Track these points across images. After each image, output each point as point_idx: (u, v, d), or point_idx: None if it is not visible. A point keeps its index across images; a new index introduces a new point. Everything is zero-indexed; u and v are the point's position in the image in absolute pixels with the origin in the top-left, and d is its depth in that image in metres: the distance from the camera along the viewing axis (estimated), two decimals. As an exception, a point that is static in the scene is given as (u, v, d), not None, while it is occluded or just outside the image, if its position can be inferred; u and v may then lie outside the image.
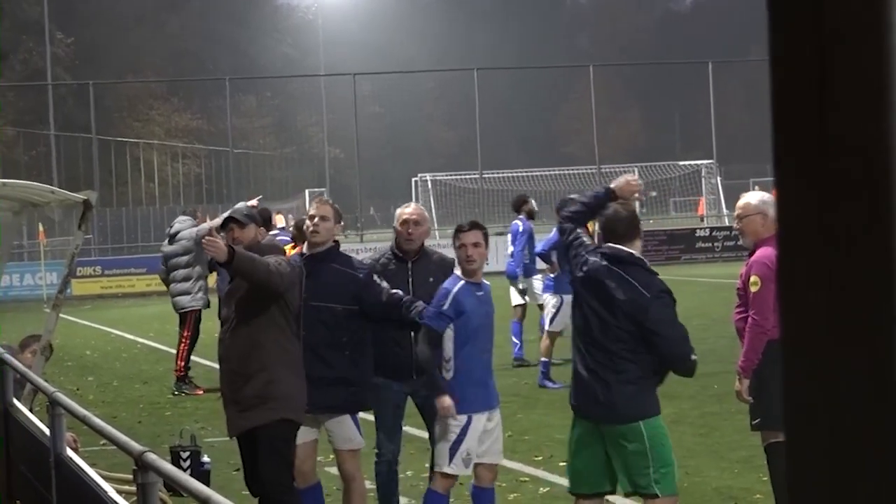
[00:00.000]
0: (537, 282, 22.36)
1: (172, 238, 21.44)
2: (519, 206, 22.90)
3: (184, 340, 21.25)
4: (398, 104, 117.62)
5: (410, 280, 11.31)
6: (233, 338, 10.06)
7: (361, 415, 10.99)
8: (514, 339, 22.43)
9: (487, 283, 10.62)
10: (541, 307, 21.59)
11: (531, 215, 22.64)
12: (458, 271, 10.62)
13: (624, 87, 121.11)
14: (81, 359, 26.42)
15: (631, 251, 9.37)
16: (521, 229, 22.41)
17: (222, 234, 10.42)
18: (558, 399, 18.78)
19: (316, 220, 10.95)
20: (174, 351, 21.76)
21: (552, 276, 20.79)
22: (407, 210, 11.73)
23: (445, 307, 10.22)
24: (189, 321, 21.41)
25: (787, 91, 1.46)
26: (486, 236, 10.53)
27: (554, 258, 20.48)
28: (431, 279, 11.16)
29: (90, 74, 73.44)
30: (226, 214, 10.41)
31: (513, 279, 22.54)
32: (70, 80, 76.81)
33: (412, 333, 10.77)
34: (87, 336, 31.72)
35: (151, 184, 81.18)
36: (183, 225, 21.61)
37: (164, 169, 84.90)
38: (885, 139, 1.34)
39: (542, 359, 20.17)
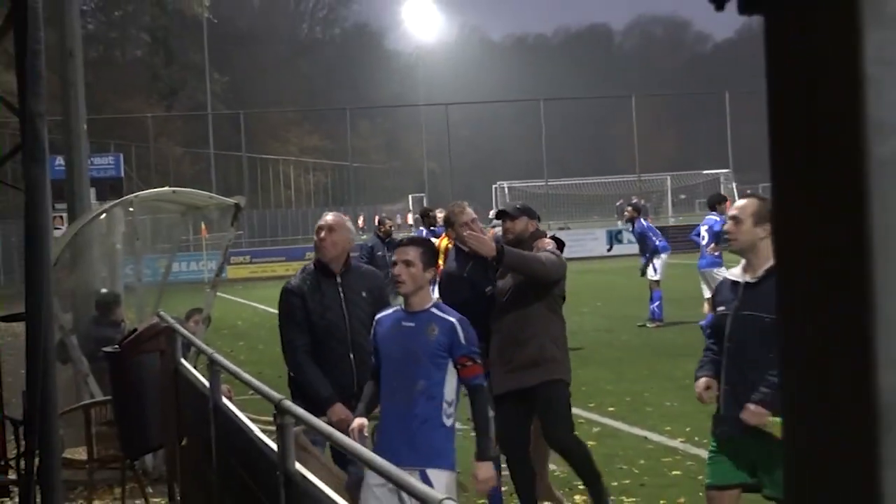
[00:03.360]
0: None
1: None
2: (714, 203, 20.71)
3: None
4: (482, 127, 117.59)
5: (343, 296, 8.60)
6: (506, 309, 8.81)
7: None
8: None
9: (439, 314, 7.26)
10: None
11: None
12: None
13: (660, 112, 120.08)
14: (234, 328, 26.64)
15: None
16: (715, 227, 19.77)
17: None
18: (609, 358, 18.76)
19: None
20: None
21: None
22: (327, 218, 8.87)
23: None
24: None
25: (782, 112, 1.44)
26: (426, 255, 7.34)
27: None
28: (364, 294, 8.62)
29: (241, 106, 74.00)
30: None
31: (704, 271, 20.52)
32: (225, 110, 77.33)
33: None
34: (239, 310, 32.00)
35: (288, 191, 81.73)
36: None
37: (298, 179, 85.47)
38: (861, 147, 1.32)
39: None
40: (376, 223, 20.98)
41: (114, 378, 10.21)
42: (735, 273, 7.12)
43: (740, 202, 7.21)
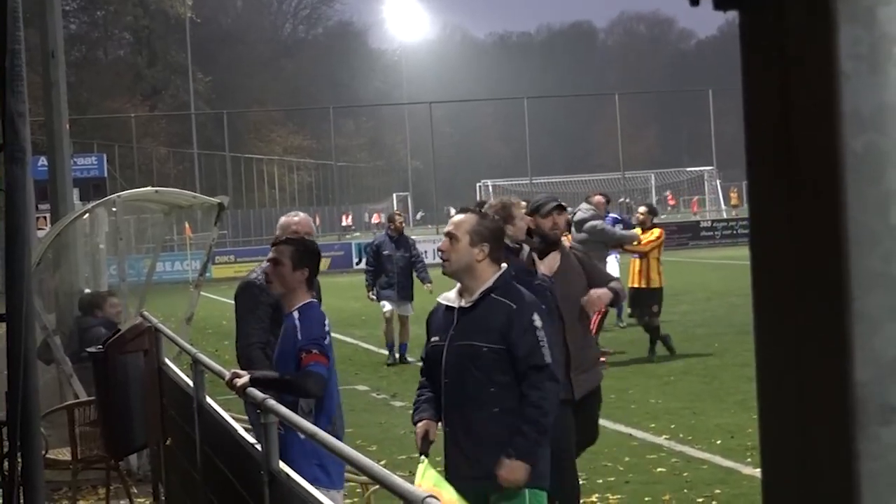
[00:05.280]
0: None
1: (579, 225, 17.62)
2: None
3: None
4: (465, 125, 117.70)
5: None
6: (577, 314, 8.46)
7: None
8: None
9: (295, 315, 7.00)
10: None
11: None
12: None
13: (643, 110, 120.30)
14: (219, 327, 26.57)
15: None
16: None
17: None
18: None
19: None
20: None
21: None
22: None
23: None
24: None
25: (758, 106, 1.44)
26: (297, 253, 7.06)
27: None
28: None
29: (224, 105, 73.99)
30: None
31: None
32: (209, 110, 77.25)
33: None
34: (223, 309, 31.87)
35: (272, 190, 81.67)
36: (585, 214, 17.71)
37: (282, 178, 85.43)
38: (835, 141, 1.32)
39: None
40: (386, 220, 20.17)
41: (98, 378, 10.19)
42: (449, 297, 6.24)
43: (457, 217, 6.36)
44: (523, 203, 9.03)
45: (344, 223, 78.68)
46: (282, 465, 4.93)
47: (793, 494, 1.42)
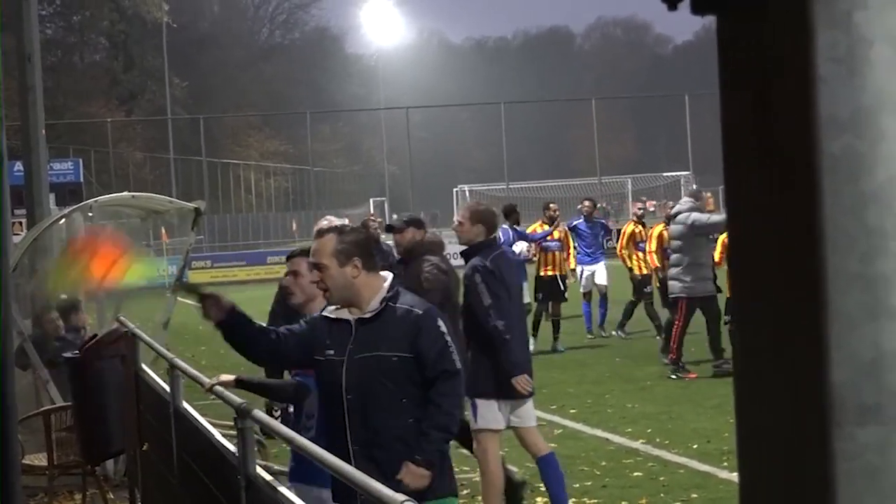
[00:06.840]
0: None
1: (673, 218, 16.58)
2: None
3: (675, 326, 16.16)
4: (442, 130, 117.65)
5: None
6: None
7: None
8: None
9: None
10: None
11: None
12: None
13: (620, 114, 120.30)
14: (195, 332, 26.44)
15: None
16: None
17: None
18: (570, 361, 18.79)
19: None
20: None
21: None
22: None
23: None
24: (678, 308, 15.93)
25: (736, 110, 1.45)
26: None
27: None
28: None
29: (201, 110, 73.90)
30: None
31: None
32: (185, 115, 77.04)
33: None
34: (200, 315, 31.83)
35: (249, 195, 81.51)
36: (682, 206, 16.46)
37: (259, 183, 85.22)
38: (813, 144, 1.33)
39: None
40: (361, 226, 19.56)
41: (74, 383, 10.16)
42: (340, 312, 5.87)
43: (315, 244, 5.99)
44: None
45: (324, 228, 78.18)
46: (258, 469, 4.93)
47: (770, 495, 1.43)
